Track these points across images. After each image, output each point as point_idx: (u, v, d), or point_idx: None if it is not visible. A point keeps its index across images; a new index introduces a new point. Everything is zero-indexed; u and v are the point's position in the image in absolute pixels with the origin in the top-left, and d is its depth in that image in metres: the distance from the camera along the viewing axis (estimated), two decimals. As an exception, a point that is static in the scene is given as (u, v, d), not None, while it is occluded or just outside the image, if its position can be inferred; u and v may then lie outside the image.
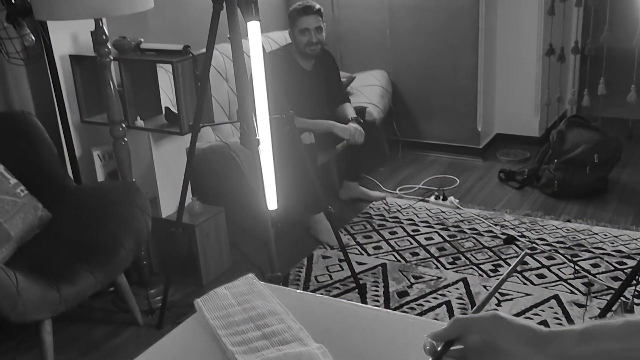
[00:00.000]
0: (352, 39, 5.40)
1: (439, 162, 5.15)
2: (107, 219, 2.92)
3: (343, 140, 4.17)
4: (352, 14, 5.33)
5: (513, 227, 3.99)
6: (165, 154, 3.47)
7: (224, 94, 4.34)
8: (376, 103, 4.82)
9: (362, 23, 5.31)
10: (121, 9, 2.77)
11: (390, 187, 4.71)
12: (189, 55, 3.18)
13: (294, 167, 3.59)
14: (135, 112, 3.37)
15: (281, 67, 3.90)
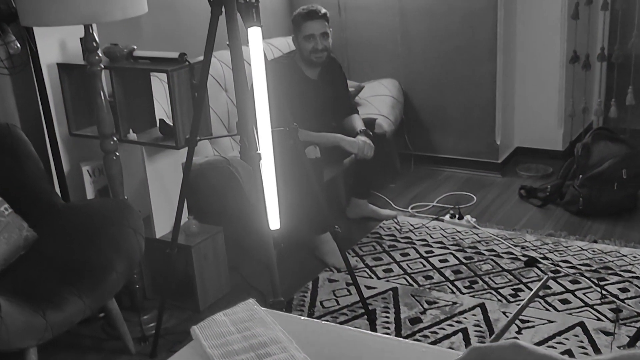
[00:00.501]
0: (360, 45, 5.42)
1: (454, 178, 5.16)
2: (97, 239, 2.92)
3: (351, 155, 4.18)
4: (361, 18, 5.35)
5: (535, 248, 3.99)
6: (160, 169, 3.48)
7: (223, 105, 4.35)
8: (386, 114, 4.83)
9: (371, 28, 5.33)
10: (113, 14, 2.78)
11: (401, 205, 4.72)
12: (185, 63, 3.19)
13: (298, 183, 3.60)
14: (128, 124, 3.38)
15: (284, 76, 3.92)
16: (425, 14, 5.11)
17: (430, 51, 5.17)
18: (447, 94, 5.20)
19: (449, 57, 5.12)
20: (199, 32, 3.21)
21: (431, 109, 5.30)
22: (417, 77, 5.28)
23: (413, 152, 5.37)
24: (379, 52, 5.36)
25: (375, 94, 5.05)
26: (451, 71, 5.14)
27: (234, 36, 2.61)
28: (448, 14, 5.03)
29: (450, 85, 5.17)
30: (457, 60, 5.09)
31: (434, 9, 5.07)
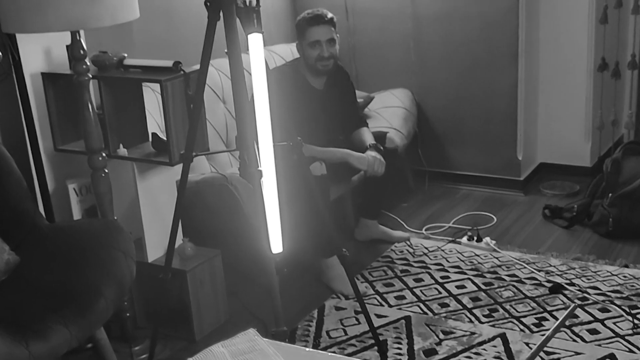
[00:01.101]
0: (370, 52, 5.44)
1: (472, 197, 5.16)
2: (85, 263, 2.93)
3: (360, 172, 4.19)
4: (370, 23, 5.37)
5: (560, 273, 3.99)
6: (152, 187, 3.49)
7: (221, 118, 4.37)
8: (398, 128, 4.84)
9: (382, 34, 5.35)
10: (101, 19, 2.80)
11: (415, 226, 4.72)
12: (180, 72, 3.21)
13: (302, 202, 3.60)
14: (118, 139, 3.39)
15: (287, 86, 3.93)
16: (440, 19, 5.13)
17: (446, 59, 5.19)
18: (464, 105, 5.21)
19: (466, 65, 5.13)
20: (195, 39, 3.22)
21: (447, 121, 5.31)
22: (431, 87, 5.29)
23: (427, 168, 5.37)
24: (390, 60, 5.38)
25: (386, 106, 5.06)
26: (468, 80, 5.15)
27: (232, 43, 2.63)
28: (465, 19, 5.05)
29: (468, 96, 5.18)
30: (475, 69, 5.11)
31: (450, 13, 5.09)
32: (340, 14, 5.20)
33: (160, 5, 4.29)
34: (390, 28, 5.31)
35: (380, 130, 4.58)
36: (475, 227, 4.52)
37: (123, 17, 2.88)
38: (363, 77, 5.46)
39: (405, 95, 5.21)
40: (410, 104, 5.18)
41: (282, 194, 2.88)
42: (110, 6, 2.81)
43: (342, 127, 4.34)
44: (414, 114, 5.17)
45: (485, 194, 5.20)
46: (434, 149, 5.37)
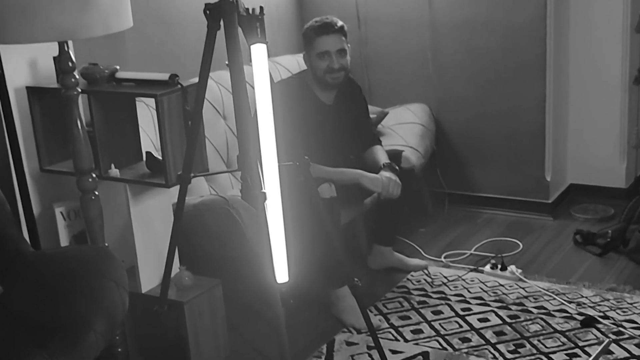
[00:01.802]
0: (383, 64, 5.46)
1: (496, 222, 5.17)
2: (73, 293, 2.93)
3: (373, 194, 4.20)
4: (384, 32, 5.40)
5: (593, 305, 3.98)
6: (147, 211, 3.51)
7: (221, 136, 4.39)
8: (415, 146, 4.86)
9: (397, 44, 5.38)
10: (92, 29, 2.82)
11: (433, 253, 4.72)
12: (177, 86, 3.22)
13: (310, 227, 3.61)
14: (109, 158, 3.40)
15: (294, 101, 3.95)
16: (461, 27, 5.15)
17: (467, 71, 5.21)
18: (487, 121, 5.22)
19: (488, 77, 5.15)
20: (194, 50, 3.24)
21: (468, 139, 5.32)
22: (451, 101, 5.31)
23: (447, 190, 5.38)
24: (406, 72, 5.40)
25: (401, 122, 5.08)
26: (491, 94, 5.17)
27: (234, 54, 2.65)
28: (488, 27, 5.07)
29: (491, 111, 5.19)
30: (498, 82, 5.12)
31: (471, 21, 5.11)
32: (352, 22, 5.23)
33: (155, 13, 4.32)
34: (406, 37, 5.33)
35: (395, 149, 4.58)
36: (500, 254, 4.52)
37: (115, 27, 2.89)
38: (376, 91, 5.48)
39: (422, 111, 5.23)
40: (428, 120, 5.20)
41: (288, 218, 2.89)
42: (102, 15, 2.82)
43: (354, 145, 4.36)
44: (431, 131, 5.18)
45: (511, 218, 5.20)
46: (454, 169, 5.38)
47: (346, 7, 5.35)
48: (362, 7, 5.38)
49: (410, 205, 4.55)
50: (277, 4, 5.24)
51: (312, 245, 3.70)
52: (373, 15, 5.39)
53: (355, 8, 5.38)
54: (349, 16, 5.20)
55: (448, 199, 5.38)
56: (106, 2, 2.83)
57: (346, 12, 5.24)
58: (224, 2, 2.64)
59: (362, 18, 5.40)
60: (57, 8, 2.73)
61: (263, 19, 2.66)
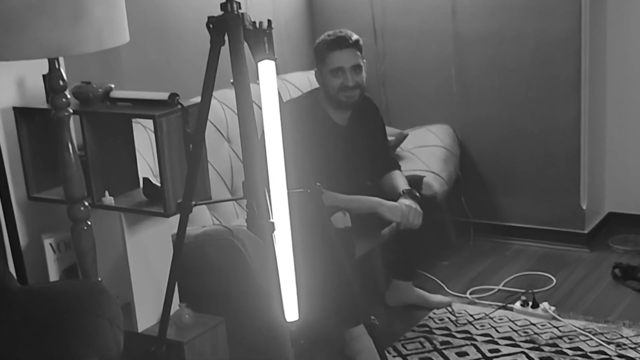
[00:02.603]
0: (402, 81, 5.47)
1: (526, 254, 5.16)
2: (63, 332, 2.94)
3: (391, 223, 4.21)
4: (403, 46, 5.42)
5: (634, 346, 3.97)
6: (144, 242, 3.52)
7: (225, 160, 4.41)
8: (437, 171, 4.86)
9: (417, 59, 5.39)
10: (85, 45, 2.83)
11: (458, 288, 4.72)
12: (177, 106, 3.23)
13: (322, 260, 3.62)
14: (103, 185, 3.41)
15: (304, 122, 3.96)
16: (488, 40, 5.16)
17: (494, 88, 5.22)
18: (517, 143, 5.23)
19: (518, 95, 5.15)
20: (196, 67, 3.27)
21: (496, 163, 5.32)
22: (476, 122, 5.32)
23: (472, 219, 5.39)
24: (427, 89, 5.41)
25: (422, 145, 5.09)
26: (522, 114, 5.17)
27: (239, 72, 2.67)
28: (517, 40, 5.08)
29: (521, 133, 5.20)
30: (529, 100, 5.13)
31: (499, 33, 5.12)
32: (368, 36, 5.25)
33: (154, 27, 4.34)
34: (427, 51, 5.35)
35: (416, 174, 4.60)
36: (531, 290, 4.51)
37: (110, 42, 2.91)
38: (394, 111, 5.49)
39: (445, 133, 5.25)
40: (452, 143, 5.21)
41: (298, 250, 2.90)
42: (95, 29, 2.83)
43: (370, 170, 4.37)
44: (455, 155, 5.20)
45: (543, 250, 5.19)
46: (480, 197, 5.39)
47: (361, 20, 5.37)
48: (379, 19, 5.41)
49: (432, 236, 4.56)
50: (286, 17, 5.27)
51: (324, 280, 3.71)
52: (391, 28, 5.41)
53: (371, 20, 5.41)
54: (364, 29, 5.21)
55: (474, 229, 5.39)
56: (100, 15, 2.84)
57: (361, 25, 5.26)
58: (229, 15, 2.66)
59: (379, 31, 5.42)
60: (47, 22, 2.75)
61: (271, 33, 2.67)
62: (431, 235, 4.47)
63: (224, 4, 2.67)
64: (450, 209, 5.21)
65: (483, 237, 5.37)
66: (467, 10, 5.17)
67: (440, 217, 4.91)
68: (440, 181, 4.81)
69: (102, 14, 2.85)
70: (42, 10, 2.73)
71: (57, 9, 2.75)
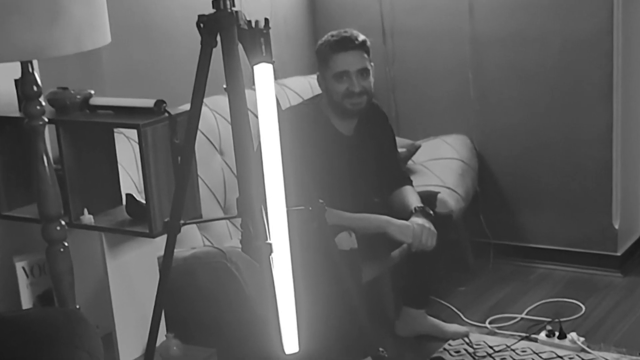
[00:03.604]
0: (414, 86, 5.48)
1: (552, 279, 5.16)
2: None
3: (402, 245, 4.20)
4: (415, 48, 5.42)
5: (673, 381, 3.97)
6: (127, 266, 3.51)
7: (218, 174, 4.41)
8: (453, 186, 4.87)
9: (430, 62, 5.40)
10: (62, 46, 2.83)
11: (476, 317, 4.72)
12: (164, 114, 3.23)
13: (325, 286, 3.62)
14: (82, 202, 3.41)
15: (306, 131, 3.96)
16: (509, 42, 5.17)
17: (516, 95, 5.22)
18: (541, 156, 5.23)
19: (542, 102, 5.16)
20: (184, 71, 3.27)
21: (518, 178, 5.33)
22: (496, 132, 5.32)
23: (492, 240, 5.38)
24: (442, 96, 5.42)
25: (436, 157, 5.10)
26: (547, 123, 5.17)
27: (233, 76, 2.67)
28: (542, 42, 5.08)
29: (546, 144, 5.20)
30: (555, 108, 5.13)
31: (522, 34, 5.12)
32: (376, 36, 5.21)
33: (138, 26, 4.35)
34: (442, 54, 5.36)
35: (429, 190, 4.60)
36: (557, 318, 4.51)
37: (90, 43, 2.91)
38: (405, 119, 5.50)
39: (461, 144, 5.25)
40: (469, 155, 5.22)
41: (299, 274, 2.90)
42: (74, 29, 2.82)
43: (378, 185, 4.37)
44: (473, 168, 5.20)
45: (570, 274, 5.19)
46: (501, 215, 5.39)
47: (369, 18, 5.38)
48: (388, 17, 5.42)
49: (448, 258, 4.56)
50: (285, 15, 5.28)
51: (327, 308, 3.71)
52: (401, 28, 5.42)
53: (379, 19, 5.42)
54: (372, 29, 5.20)
55: (493, 251, 5.38)
56: (79, 14, 2.82)
57: (369, 24, 5.27)
58: (221, 14, 2.67)
59: (388, 31, 5.43)
60: (19, 21, 2.73)
61: (268, 34, 2.68)
62: (446, 257, 4.46)
63: (216, 0, 2.67)
64: (467, 229, 5.21)
65: (504, 260, 5.36)
66: (486, 8, 5.18)
67: (457, 238, 4.91)
68: (457, 197, 4.81)
69: (81, 13, 2.84)
70: (14, 8, 2.71)
71: (31, 7, 2.73)
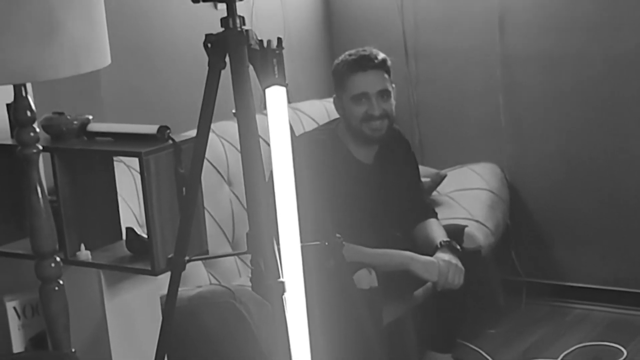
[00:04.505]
0: (439, 110, 5.48)
1: (591, 320, 5.14)
2: (28, 416, 2.95)
3: (426, 283, 4.20)
4: (440, 69, 5.43)
5: None
6: (127, 306, 3.52)
7: (226, 207, 4.42)
8: (482, 219, 4.87)
9: (457, 84, 5.41)
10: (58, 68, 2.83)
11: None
12: (167, 142, 3.24)
13: (342, 328, 3.62)
14: (78, 237, 3.41)
15: (321, 160, 3.97)
16: (543, 61, 5.17)
17: (552, 119, 5.22)
18: (581, 185, 5.21)
19: (582, 128, 5.15)
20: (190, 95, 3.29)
21: (554, 210, 5.32)
22: (530, 160, 5.32)
23: (525, 278, 5.37)
24: (469, 121, 5.42)
25: (463, 188, 5.10)
26: (586, 150, 5.16)
27: (243, 100, 2.68)
28: (580, 61, 5.07)
29: (585, 173, 5.19)
30: (595, 133, 5.12)
31: (557, 53, 5.12)
32: (398, 56, 5.23)
33: (141, 47, 4.36)
34: (470, 75, 5.37)
35: (456, 224, 4.60)
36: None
37: (88, 65, 2.91)
38: (430, 147, 5.50)
39: (491, 173, 5.25)
40: (500, 186, 5.21)
41: (314, 315, 2.90)
42: (71, 50, 2.82)
43: (401, 218, 4.38)
44: (504, 200, 5.20)
45: (611, 315, 5.17)
46: (535, 250, 5.38)
47: (390, 36, 5.39)
48: (411, 35, 5.43)
49: (476, 298, 4.55)
50: (299, 34, 5.29)
51: (345, 352, 3.70)
52: (425, 47, 5.42)
53: (402, 37, 5.43)
54: (393, 48, 5.19)
55: (526, 290, 5.37)
56: (77, 33, 2.83)
57: (390, 43, 5.26)
58: (230, 33, 2.68)
59: (411, 50, 5.44)
60: (12, 41, 2.73)
61: (282, 54, 2.68)
62: (475, 297, 4.46)
63: (225, 18, 2.68)
64: (497, 266, 5.20)
65: (538, 300, 5.35)
66: (518, 25, 5.19)
67: (486, 275, 4.91)
68: (486, 232, 4.81)
69: (79, 32, 2.85)
70: (5, 26, 2.72)
71: (25, 24, 2.74)
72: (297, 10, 5.33)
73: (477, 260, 4.44)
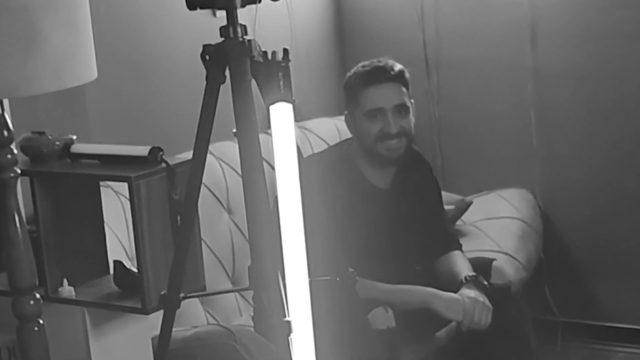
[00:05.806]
0: (464, 130, 5.49)
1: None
2: None
3: (450, 322, 4.20)
4: (464, 83, 5.44)
5: None
6: (115, 348, 3.52)
7: (225, 237, 4.42)
8: (512, 252, 4.86)
9: (484, 101, 5.41)
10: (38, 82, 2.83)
11: (541, 411, 4.71)
12: (160, 165, 3.25)
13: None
14: (60, 271, 3.42)
15: (332, 184, 3.96)
16: (578, 77, 5.18)
17: (588, 140, 5.23)
18: (620, 215, 5.22)
19: (621, 149, 5.16)
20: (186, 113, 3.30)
21: (592, 242, 5.32)
22: (565, 185, 5.32)
23: (560, 317, 5.37)
24: (498, 142, 5.43)
25: (491, 216, 5.10)
26: (626, 175, 5.18)
27: (245, 118, 2.68)
28: (619, 77, 5.09)
29: (626, 201, 5.20)
30: (636, 156, 5.13)
31: (594, 67, 5.13)
32: (417, 68, 5.22)
33: (130, 59, 4.37)
34: (498, 90, 5.37)
35: (483, 256, 4.60)
36: (641, 413, 4.51)
37: (71, 79, 2.91)
38: (453, 170, 5.51)
39: (522, 200, 5.26)
40: (531, 214, 5.22)
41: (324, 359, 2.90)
42: (52, 62, 2.82)
43: (421, 250, 4.37)
44: (536, 230, 5.20)
45: (658, 359, 5.18)
46: (571, 287, 5.37)
47: (409, 48, 5.40)
48: (433, 47, 5.44)
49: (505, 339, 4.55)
50: (308, 45, 5.30)
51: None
52: (448, 59, 5.44)
53: (422, 47, 5.45)
54: (413, 60, 5.20)
55: (562, 331, 5.37)
56: (60, 44, 2.82)
57: (409, 55, 5.26)
58: (231, 43, 2.68)
59: (433, 63, 5.45)
60: (-12, 54, 2.79)
61: (288, 67, 2.68)
62: (504, 338, 4.46)
63: (225, 27, 2.69)
64: (529, 303, 5.20)
65: (574, 342, 5.35)
66: (551, 36, 5.19)
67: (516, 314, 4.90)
68: (516, 265, 4.81)
69: (62, 43, 2.84)
70: (-19, 37, 2.77)
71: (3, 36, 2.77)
72: (306, 18, 5.34)
73: (506, 297, 4.42)
